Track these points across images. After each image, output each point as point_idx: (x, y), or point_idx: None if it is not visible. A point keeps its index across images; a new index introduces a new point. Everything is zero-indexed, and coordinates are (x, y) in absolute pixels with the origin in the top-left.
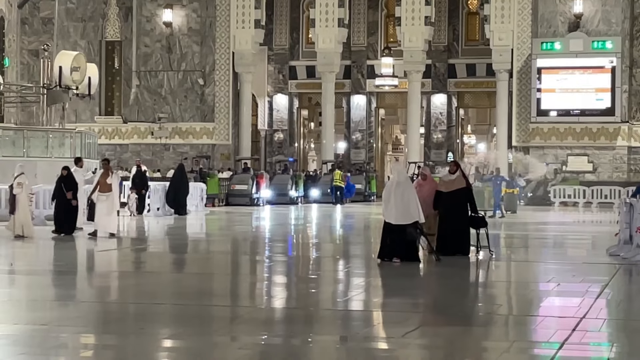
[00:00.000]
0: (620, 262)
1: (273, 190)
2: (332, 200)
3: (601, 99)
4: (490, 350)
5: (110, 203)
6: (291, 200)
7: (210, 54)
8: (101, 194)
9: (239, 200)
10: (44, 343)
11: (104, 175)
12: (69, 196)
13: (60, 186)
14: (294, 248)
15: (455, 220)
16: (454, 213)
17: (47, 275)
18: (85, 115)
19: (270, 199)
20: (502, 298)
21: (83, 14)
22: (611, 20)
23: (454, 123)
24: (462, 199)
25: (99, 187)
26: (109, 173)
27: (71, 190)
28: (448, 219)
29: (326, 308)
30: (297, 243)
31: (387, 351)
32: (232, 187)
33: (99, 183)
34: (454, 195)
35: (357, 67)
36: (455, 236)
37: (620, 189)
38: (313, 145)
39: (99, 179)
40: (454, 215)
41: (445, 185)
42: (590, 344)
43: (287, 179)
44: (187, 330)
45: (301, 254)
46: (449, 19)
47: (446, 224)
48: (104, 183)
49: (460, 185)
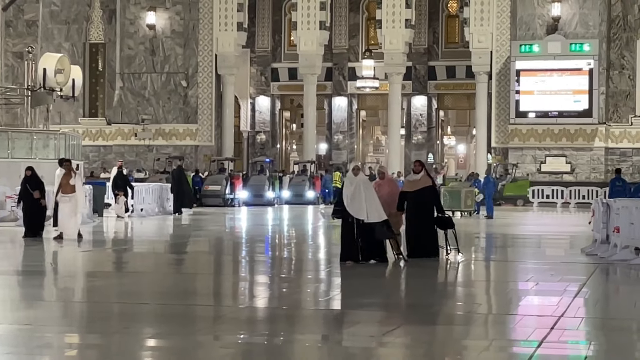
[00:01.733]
0: (598, 261)
1: (249, 192)
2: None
3: (579, 101)
4: (470, 349)
5: (74, 205)
6: (268, 202)
7: (193, 56)
8: (64, 195)
9: (212, 201)
10: (29, 342)
11: (66, 176)
12: (37, 195)
13: (26, 187)
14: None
15: (423, 221)
16: (421, 213)
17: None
18: (69, 117)
19: (247, 200)
20: (481, 297)
21: (67, 17)
22: (588, 23)
23: (434, 124)
24: (428, 198)
25: (61, 188)
26: (71, 174)
27: (37, 190)
28: (415, 220)
29: (308, 308)
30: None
31: (368, 350)
32: (205, 187)
33: (60, 184)
34: (419, 194)
35: (338, 69)
36: (423, 237)
37: (598, 190)
38: (295, 146)
39: (61, 180)
40: (420, 216)
41: (410, 185)
42: (569, 342)
43: (264, 179)
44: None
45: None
46: (429, 22)
47: (413, 225)
48: (66, 184)
49: (426, 184)
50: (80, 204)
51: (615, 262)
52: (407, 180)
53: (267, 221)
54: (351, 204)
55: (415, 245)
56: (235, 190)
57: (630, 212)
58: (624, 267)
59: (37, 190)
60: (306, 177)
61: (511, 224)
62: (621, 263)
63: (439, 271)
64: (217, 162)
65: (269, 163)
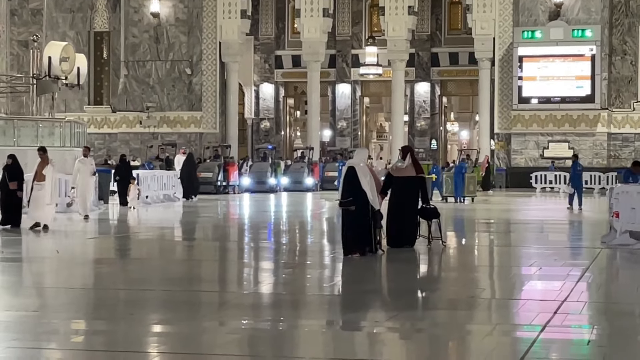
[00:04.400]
0: (599, 246)
1: (252, 178)
2: None
3: (581, 87)
4: (473, 333)
5: (43, 193)
6: (270, 189)
7: (197, 44)
8: (37, 183)
9: (204, 189)
10: (36, 329)
11: (41, 164)
12: (12, 186)
13: (4, 176)
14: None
15: (405, 210)
16: (404, 201)
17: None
18: (74, 105)
19: (250, 187)
20: (484, 282)
21: (72, 5)
22: (591, 9)
23: (437, 111)
24: (413, 186)
25: (36, 176)
26: (46, 162)
27: (15, 181)
28: (397, 207)
29: (312, 293)
30: None
31: (372, 335)
32: (197, 174)
33: (36, 172)
34: (406, 181)
35: (341, 56)
36: (404, 227)
37: (600, 175)
38: (299, 133)
39: (37, 168)
40: (404, 203)
41: (395, 170)
42: (572, 327)
43: (267, 166)
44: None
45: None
46: (432, 9)
47: (395, 212)
48: (40, 172)
49: (411, 174)
50: (48, 194)
51: (616, 247)
52: (395, 165)
53: (249, 211)
54: (373, 194)
55: (395, 235)
56: (231, 177)
57: (631, 196)
58: (625, 252)
59: (14, 182)
60: (304, 163)
61: (512, 209)
62: (622, 248)
63: (442, 257)
64: (212, 148)
65: (272, 150)
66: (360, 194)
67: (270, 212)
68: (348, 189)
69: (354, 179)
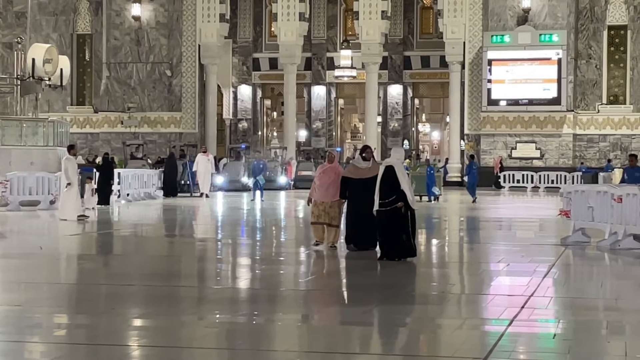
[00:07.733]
0: (565, 243)
1: (225, 178)
2: None
3: (548, 89)
4: (444, 327)
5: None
6: (243, 188)
7: (177, 47)
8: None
9: None
10: (19, 323)
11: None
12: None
13: None
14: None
15: (366, 212)
16: (365, 204)
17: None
18: (57, 105)
19: (223, 186)
20: (454, 278)
21: (55, 8)
22: (557, 14)
23: (409, 112)
24: (374, 188)
25: None
26: None
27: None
28: (357, 210)
29: (288, 288)
30: None
31: (346, 329)
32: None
33: None
34: (366, 183)
35: (317, 59)
36: (364, 229)
37: (566, 174)
38: (276, 133)
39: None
40: (365, 205)
41: (355, 172)
42: (538, 321)
43: (240, 165)
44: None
45: None
46: (404, 13)
47: (354, 215)
48: None
49: (374, 174)
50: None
51: (572, 245)
52: (353, 165)
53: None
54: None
55: (354, 235)
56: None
57: (586, 196)
58: (580, 249)
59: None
60: (278, 163)
61: (486, 208)
62: (579, 245)
63: None
64: (178, 147)
65: (245, 149)
66: (399, 194)
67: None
68: (388, 190)
69: (394, 179)
